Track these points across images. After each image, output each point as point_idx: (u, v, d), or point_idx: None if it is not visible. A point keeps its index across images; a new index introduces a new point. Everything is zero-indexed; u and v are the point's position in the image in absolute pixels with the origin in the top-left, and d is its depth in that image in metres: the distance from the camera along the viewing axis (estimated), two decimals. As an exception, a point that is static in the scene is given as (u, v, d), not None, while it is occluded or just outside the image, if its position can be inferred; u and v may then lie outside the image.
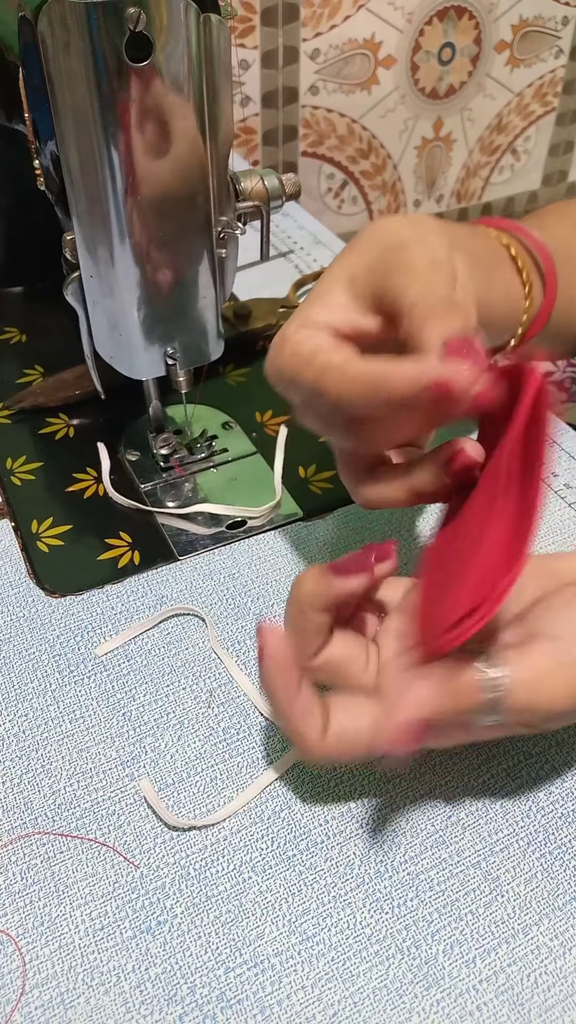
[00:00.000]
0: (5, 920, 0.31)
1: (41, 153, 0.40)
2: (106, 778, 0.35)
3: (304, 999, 0.29)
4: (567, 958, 0.30)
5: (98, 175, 0.36)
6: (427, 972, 0.29)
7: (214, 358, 0.44)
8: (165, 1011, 0.29)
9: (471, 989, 0.29)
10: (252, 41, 1.15)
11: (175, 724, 0.36)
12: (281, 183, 0.46)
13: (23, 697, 0.37)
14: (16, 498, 0.47)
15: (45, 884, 0.32)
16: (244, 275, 0.66)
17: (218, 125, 0.37)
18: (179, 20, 0.33)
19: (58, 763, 0.35)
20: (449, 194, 1.48)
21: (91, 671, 0.38)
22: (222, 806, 0.34)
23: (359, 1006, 0.29)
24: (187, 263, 0.40)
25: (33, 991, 0.29)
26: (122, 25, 0.32)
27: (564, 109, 1.50)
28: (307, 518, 0.46)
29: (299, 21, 1.16)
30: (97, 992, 0.29)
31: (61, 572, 0.43)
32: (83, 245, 0.39)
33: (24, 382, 0.55)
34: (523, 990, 0.29)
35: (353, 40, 1.21)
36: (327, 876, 0.32)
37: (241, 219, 0.43)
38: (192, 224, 0.39)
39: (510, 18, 1.32)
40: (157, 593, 0.42)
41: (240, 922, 0.31)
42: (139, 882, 0.32)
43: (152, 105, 0.34)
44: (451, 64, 1.32)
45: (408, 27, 1.24)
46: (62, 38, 0.33)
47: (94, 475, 0.48)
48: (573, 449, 0.50)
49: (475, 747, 0.35)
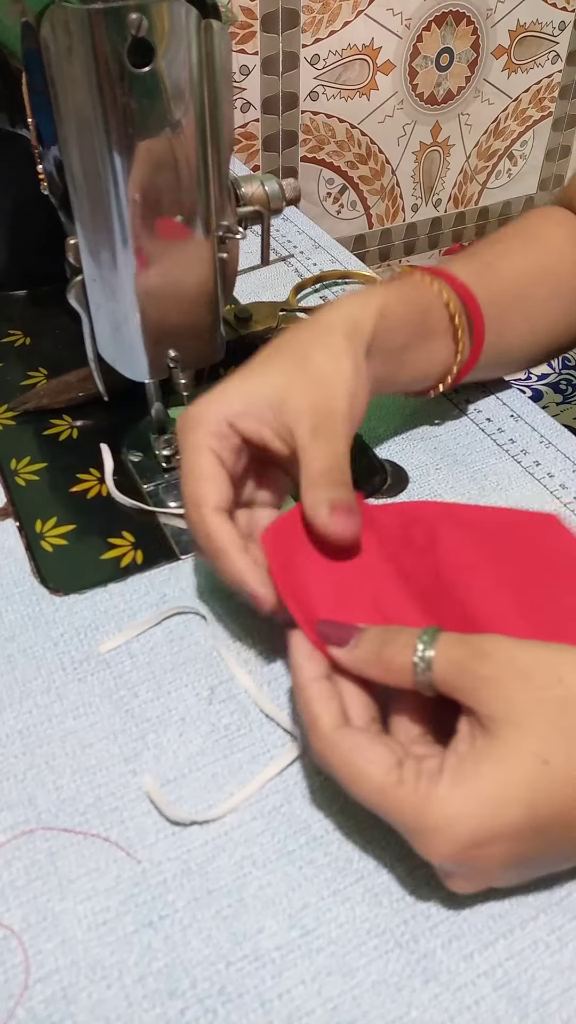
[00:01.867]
0: (8, 915, 0.31)
1: (44, 158, 0.40)
2: (109, 774, 0.35)
3: (304, 993, 0.29)
4: (564, 953, 0.30)
5: (100, 180, 0.36)
6: (426, 966, 0.30)
7: (215, 360, 0.44)
8: (167, 1005, 0.29)
9: (469, 983, 0.29)
10: (252, 47, 1.15)
11: (177, 721, 0.37)
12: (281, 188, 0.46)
13: (27, 694, 0.38)
14: (20, 498, 0.47)
15: (48, 879, 0.32)
16: (245, 279, 0.67)
17: (219, 130, 0.38)
18: (180, 26, 0.34)
19: (61, 759, 0.35)
20: (447, 199, 1.48)
21: (94, 668, 0.39)
22: (223, 801, 0.34)
23: (359, 1000, 0.29)
24: (189, 267, 0.40)
25: (36, 986, 0.29)
26: (124, 31, 0.33)
27: (561, 114, 1.50)
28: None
29: (299, 27, 1.17)
30: (99, 986, 0.29)
31: (65, 571, 0.43)
32: (86, 249, 0.39)
33: (28, 384, 0.56)
34: (520, 984, 0.29)
35: (352, 46, 1.22)
36: (327, 871, 0.32)
37: (242, 223, 0.43)
38: (193, 228, 0.39)
39: (507, 23, 1.33)
40: (159, 592, 0.42)
41: (241, 916, 0.31)
42: (141, 877, 0.32)
43: (154, 110, 0.35)
44: (449, 69, 1.33)
45: (407, 33, 1.25)
46: (65, 44, 0.33)
47: (97, 476, 0.49)
48: (568, 451, 0.51)
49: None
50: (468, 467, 0.49)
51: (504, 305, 0.48)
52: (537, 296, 0.50)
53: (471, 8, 1.28)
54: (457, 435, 0.52)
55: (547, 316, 0.51)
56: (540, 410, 0.54)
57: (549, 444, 0.51)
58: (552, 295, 0.51)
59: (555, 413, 0.76)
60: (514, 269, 0.50)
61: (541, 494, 0.48)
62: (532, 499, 0.47)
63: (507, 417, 0.53)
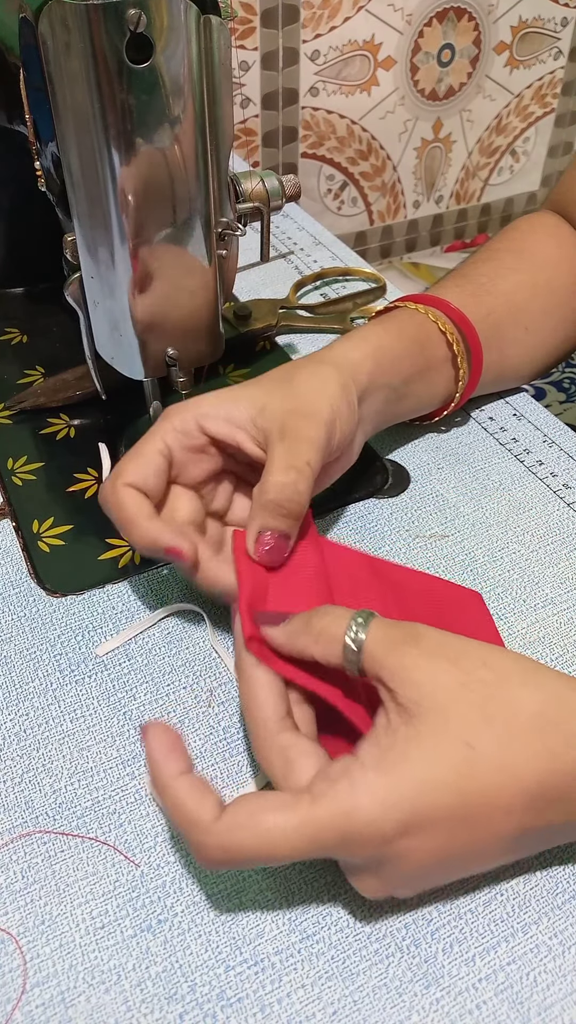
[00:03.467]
0: (6, 919, 0.31)
1: (42, 154, 0.40)
2: (107, 777, 0.35)
3: (304, 997, 0.29)
4: (566, 956, 0.30)
5: (99, 176, 0.36)
6: (427, 970, 0.30)
7: (214, 359, 0.44)
8: (166, 1009, 0.29)
9: (470, 988, 0.29)
10: (252, 43, 1.15)
11: (175, 723, 0.37)
12: (281, 184, 0.46)
13: (24, 696, 0.38)
14: (17, 498, 0.47)
15: (46, 883, 0.32)
16: (244, 276, 0.67)
17: (218, 126, 0.37)
18: (179, 22, 0.33)
19: (59, 762, 0.35)
20: (448, 195, 1.48)
21: (92, 670, 0.39)
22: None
23: (359, 1004, 0.29)
24: (187, 264, 0.40)
25: (34, 990, 0.29)
26: (123, 26, 0.32)
27: (563, 110, 1.50)
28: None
29: (299, 23, 1.16)
30: (98, 991, 0.29)
31: (62, 572, 0.43)
32: (84, 246, 0.39)
33: (25, 382, 0.55)
34: (522, 988, 0.29)
35: (353, 41, 1.22)
36: (326, 875, 0.32)
37: (241, 220, 0.43)
38: (192, 225, 0.39)
39: (509, 19, 1.32)
40: (157, 592, 0.42)
41: (240, 920, 0.31)
42: (139, 880, 0.32)
43: (152, 106, 0.35)
44: (450, 65, 1.32)
45: (408, 28, 1.25)
46: (63, 39, 0.33)
47: (95, 475, 0.49)
48: (571, 449, 0.50)
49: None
50: (470, 466, 0.49)
51: (501, 324, 0.49)
52: (534, 310, 0.51)
53: (472, 4, 1.28)
54: (459, 434, 0.51)
55: (546, 329, 0.52)
56: (543, 409, 0.53)
57: (552, 443, 0.51)
58: (549, 307, 0.52)
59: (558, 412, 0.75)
60: (508, 285, 0.50)
61: (544, 494, 0.47)
62: (535, 498, 0.47)
63: (510, 416, 0.53)
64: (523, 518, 0.46)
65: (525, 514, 0.46)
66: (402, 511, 0.46)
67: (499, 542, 0.45)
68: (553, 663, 0.39)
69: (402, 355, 0.44)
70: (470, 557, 0.44)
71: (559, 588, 0.42)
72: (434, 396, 0.48)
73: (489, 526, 0.46)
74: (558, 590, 0.42)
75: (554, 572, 0.43)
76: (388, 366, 0.43)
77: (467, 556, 0.44)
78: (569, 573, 0.43)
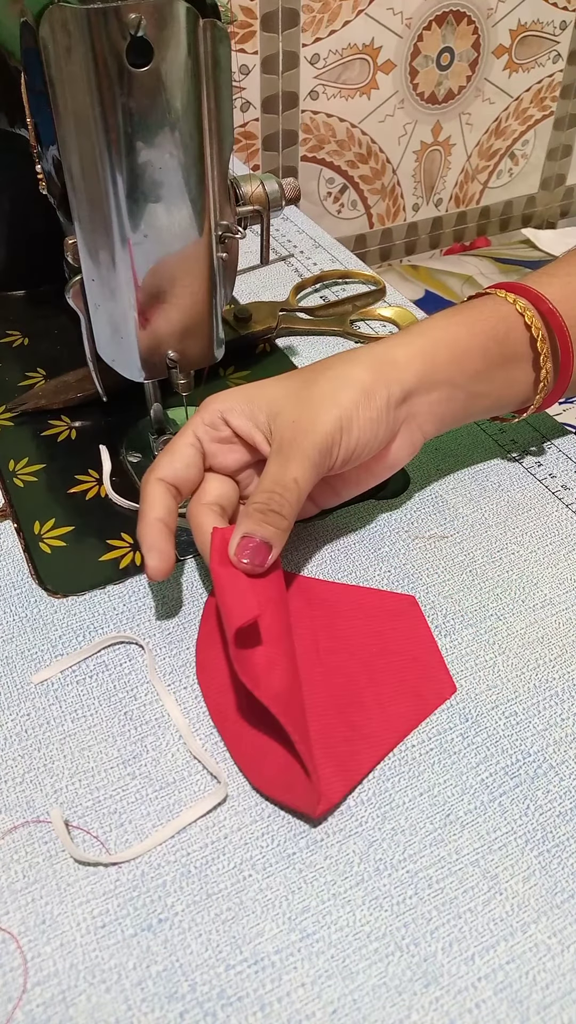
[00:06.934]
0: (6, 918, 0.31)
1: (43, 158, 0.40)
2: (108, 777, 0.35)
3: (304, 996, 0.29)
4: (565, 955, 0.30)
5: (99, 179, 0.36)
6: (426, 970, 0.30)
7: (215, 361, 0.44)
8: (166, 1008, 0.29)
9: (470, 987, 0.29)
10: (252, 46, 1.15)
11: (176, 723, 0.37)
12: (281, 187, 0.46)
13: (25, 696, 0.38)
14: (19, 500, 0.47)
15: (46, 882, 0.32)
16: (244, 278, 0.67)
17: (218, 130, 0.37)
18: (180, 25, 0.34)
19: (60, 762, 0.35)
20: (448, 198, 1.48)
21: (93, 671, 0.39)
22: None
23: (358, 1003, 0.29)
24: (188, 267, 0.40)
25: (34, 989, 0.29)
26: (123, 30, 0.33)
27: (562, 113, 1.50)
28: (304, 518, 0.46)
29: (299, 26, 1.16)
30: (98, 990, 0.29)
31: (63, 573, 0.43)
32: (84, 249, 0.39)
33: (26, 385, 0.56)
34: (521, 988, 0.29)
35: (352, 45, 1.22)
36: (327, 874, 0.32)
37: (241, 223, 0.43)
38: (193, 228, 0.39)
39: (508, 23, 1.33)
40: (158, 593, 0.42)
41: (240, 919, 0.31)
42: (140, 880, 0.32)
43: (153, 110, 0.35)
44: (450, 69, 1.33)
45: (407, 32, 1.25)
46: (63, 43, 0.33)
47: (96, 477, 0.49)
48: (570, 451, 0.50)
49: (473, 746, 0.36)
50: (469, 468, 0.49)
51: None
52: None
53: (472, 7, 1.28)
54: (458, 436, 0.52)
55: None
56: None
57: (551, 445, 0.51)
58: None
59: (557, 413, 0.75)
60: None
61: (543, 495, 0.48)
62: (533, 500, 0.47)
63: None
64: (522, 519, 0.46)
65: (524, 515, 0.46)
66: (401, 512, 0.47)
67: (498, 543, 0.45)
68: (553, 663, 0.39)
69: (471, 350, 0.41)
70: (469, 558, 0.44)
71: (558, 588, 0.42)
72: (516, 395, 0.44)
73: (488, 527, 0.46)
74: (557, 590, 0.42)
75: (553, 573, 0.43)
76: (449, 362, 0.40)
77: (466, 557, 0.44)
78: (568, 573, 0.43)
